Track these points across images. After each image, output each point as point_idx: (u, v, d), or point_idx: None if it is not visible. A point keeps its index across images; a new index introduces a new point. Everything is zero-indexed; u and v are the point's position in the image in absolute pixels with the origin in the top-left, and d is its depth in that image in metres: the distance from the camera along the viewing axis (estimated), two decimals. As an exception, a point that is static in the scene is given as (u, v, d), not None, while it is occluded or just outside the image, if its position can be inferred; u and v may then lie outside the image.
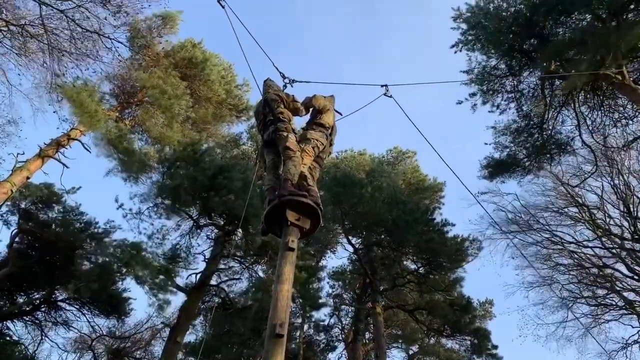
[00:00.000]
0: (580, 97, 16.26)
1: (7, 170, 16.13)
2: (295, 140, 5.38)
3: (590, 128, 16.57)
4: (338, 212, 19.77)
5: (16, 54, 15.48)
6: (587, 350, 20.32)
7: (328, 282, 22.55)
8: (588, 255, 20.16)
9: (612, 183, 19.60)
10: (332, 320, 23.37)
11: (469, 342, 20.16)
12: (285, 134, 5.34)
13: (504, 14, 15.67)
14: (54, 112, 16.80)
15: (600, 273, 19.93)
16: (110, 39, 15.37)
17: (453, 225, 19.59)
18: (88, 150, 17.50)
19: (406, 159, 28.26)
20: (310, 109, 6.10)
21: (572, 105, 16.27)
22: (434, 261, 19.52)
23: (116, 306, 20.41)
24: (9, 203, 18.30)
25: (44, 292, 20.91)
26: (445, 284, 20.03)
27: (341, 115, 6.23)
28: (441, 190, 24.52)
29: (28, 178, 16.57)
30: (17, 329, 21.10)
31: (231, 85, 22.42)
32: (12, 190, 15.75)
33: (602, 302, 19.70)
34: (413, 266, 20.93)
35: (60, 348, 22.24)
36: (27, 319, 20.93)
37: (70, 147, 17.40)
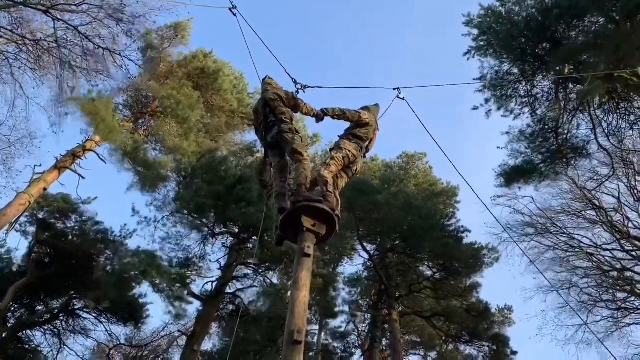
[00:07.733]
0: (595, 101, 16.08)
1: (24, 182, 16.37)
2: (301, 142, 5.28)
3: (606, 131, 16.35)
4: (352, 218, 19.69)
5: (31, 68, 15.71)
6: (607, 354, 19.95)
7: (344, 289, 22.48)
8: (607, 258, 19.88)
9: (629, 185, 19.31)
10: (349, 328, 23.32)
11: (487, 349, 20.00)
12: (290, 135, 5.22)
13: (515, 18, 15.57)
14: (61, 130, 16.94)
15: (620, 276, 19.62)
16: (121, 56, 15.39)
17: (469, 231, 19.65)
18: (103, 161, 17.72)
19: (417, 162, 28.17)
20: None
21: (587, 109, 16.08)
22: (450, 267, 19.43)
23: (133, 313, 20.56)
24: (27, 214, 18.54)
25: (62, 301, 21.12)
26: (461, 290, 19.92)
27: (378, 130, 6.16)
28: (456, 195, 24.39)
29: (45, 189, 16.78)
30: (36, 337, 21.36)
31: (243, 94, 22.53)
32: (29, 202, 15.96)
33: (623, 306, 19.40)
34: (429, 272, 20.82)
35: (78, 356, 22.39)
36: (46, 327, 21.15)
37: (86, 158, 17.60)
